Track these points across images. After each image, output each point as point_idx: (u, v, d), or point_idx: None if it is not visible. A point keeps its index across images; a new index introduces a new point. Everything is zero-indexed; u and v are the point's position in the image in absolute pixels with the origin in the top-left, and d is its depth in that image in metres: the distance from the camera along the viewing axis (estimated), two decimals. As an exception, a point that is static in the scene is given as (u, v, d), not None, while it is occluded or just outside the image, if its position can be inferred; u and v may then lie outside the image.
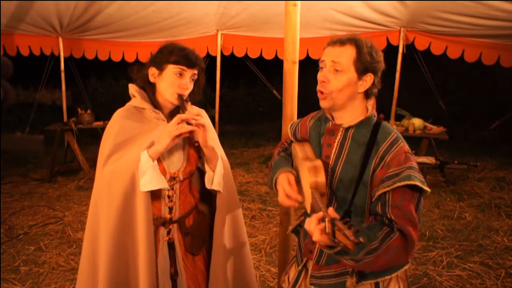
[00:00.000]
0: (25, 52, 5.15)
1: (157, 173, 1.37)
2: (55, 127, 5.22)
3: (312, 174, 1.19)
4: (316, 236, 0.99)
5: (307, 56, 5.34)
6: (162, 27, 5.03)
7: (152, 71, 1.44)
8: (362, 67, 1.19)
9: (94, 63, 6.43)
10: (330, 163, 1.27)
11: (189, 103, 1.55)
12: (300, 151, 1.35)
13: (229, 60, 5.99)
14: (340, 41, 1.22)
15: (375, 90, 1.25)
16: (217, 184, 1.52)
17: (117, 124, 1.44)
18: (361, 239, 0.86)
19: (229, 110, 10.01)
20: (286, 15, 1.76)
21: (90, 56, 5.54)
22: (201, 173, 1.60)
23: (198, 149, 1.51)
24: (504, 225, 3.66)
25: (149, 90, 1.48)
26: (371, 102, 1.27)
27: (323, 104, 1.26)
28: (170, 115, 1.51)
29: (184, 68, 1.41)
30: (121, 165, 1.37)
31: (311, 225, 1.01)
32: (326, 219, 0.95)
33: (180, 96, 1.43)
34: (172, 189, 1.49)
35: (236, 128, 8.96)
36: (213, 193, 1.58)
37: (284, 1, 1.76)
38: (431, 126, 4.94)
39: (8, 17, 4.41)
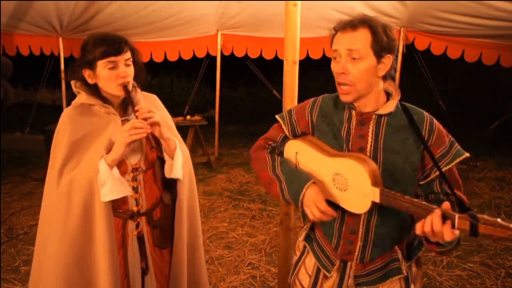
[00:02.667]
0: (24, 52, 5.14)
1: (119, 181, 1.34)
2: (55, 127, 5.19)
3: (363, 163, 1.08)
4: (448, 235, 0.91)
5: (307, 56, 5.34)
6: (162, 26, 5.02)
7: (87, 73, 1.38)
8: (380, 49, 1.10)
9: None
10: (368, 154, 1.16)
11: (138, 90, 1.51)
12: (312, 146, 1.23)
13: (229, 60, 5.99)
14: (352, 25, 1.11)
15: (393, 72, 1.18)
16: (176, 172, 1.48)
17: (67, 125, 1.39)
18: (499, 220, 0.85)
19: (229, 110, 10.00)
20: (286, 15, 1.76)
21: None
22: (163, 163, 1.55)
23: (156, 137, 1.44)
24: (504, 225, 3.66)
25: (93, 87, 1.41)
26: (392, 84, 1.21)
27: (346, 98, 1.16)
28: (121, 107, 1.46)
29: (113, 58, 1.33)
30: (80, 174, 1.33)
31: (437, 225, 0.92)
32: (457, 216, 0.91)
33: (124, 87, 1.37)
34: (136, 180, 1.46)
35: (236, 128, 8.95)
36: (173, 183, 1.54)
37: (284, 1, 1.76)
38: (431, 126, 4.93)
39: (7, 17, 4.41)
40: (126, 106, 1.46)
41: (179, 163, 1.49)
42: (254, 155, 1.42)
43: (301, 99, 1.94)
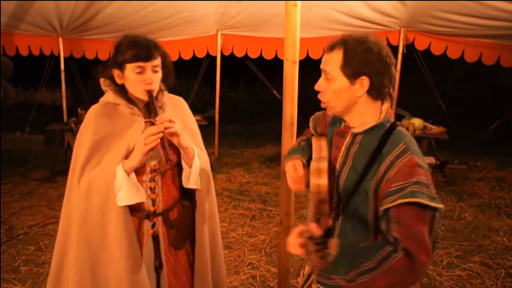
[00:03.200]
0: (24, 52, 5.14)
1: (134, 187, 1.38)
2: (55, 127, 5.21)
3: (315, 176, 1.16)
4: (293, 249, 1.02)
5: (307, 56, 5.34)
6: (162, 26, 5.02)
7: (116, 73, 1.42)
8: (352, 71, 1.11)
9: (95, 63, 6.42)
10: (337, 166, 1.21)
11: (165, 92, 1.54)
12: (316, 148, 1.30)
13: (229, 60, 5.99)
14: (330, 47, 1.15)
15: (385, 91, 1.14)
16: (193, 183, 1.51)
17: (92, 124, 1.44)
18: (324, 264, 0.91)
19: (229, 110, 10.00)
20: (286, 15, 1.76)
21: (90, 56, 5.53)
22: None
23: (175, 146, 1.48)
24: (504, 225, 3.66)
25: (121, 87, 1.46)
26: (386, 106, 1.18)
27: (328, 112, 1.23)
28: (146, 108, 1.49)
29: (142, 64, 1.37)
30: (99, 177, 1.38)
31: (292, 237, 1.03)
32: (303, 235, 0.96)
33: (149, 92, 1.40)
34: (154, 180, 1.48)
35: (236, 128, 8.95)
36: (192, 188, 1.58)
37: (284, 1, 1.76)
38: (431, 126, 4.94)
39: (7, 17, 4.41)
40: (150, 108, 1.49)
41: (196, 172, 1.51)
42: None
43: (301, 99, 1.94)
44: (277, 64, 4.38)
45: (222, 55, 5.80)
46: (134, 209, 1.45)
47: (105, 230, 1.39)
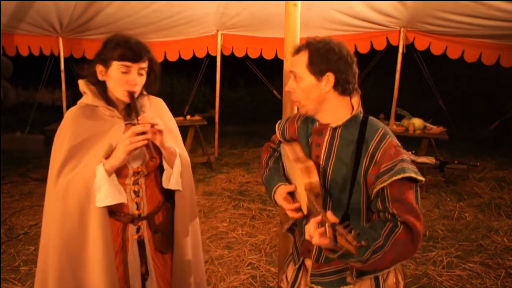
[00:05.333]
0: (24, 52, 5.14)
1: (114, 187, 1.33)
2: (55, 127, 5.17)
3: (305, 175, 1.20)
4: (316, 240, 1.00)
5: (307, 56, 5.33)
6: (162, 26, 5.03)
7: (100, 69, 1.37)
8: (317, 69, 1.19)
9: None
10: (321, 163, 1.27)
11: (146, 97, 1.51)
12: (291, 152, 1.35)
13: (229, 60, 5.99)
14: (297, 50, 1.25)
15: (350, 86, 1.22)
16: (174, 183, 1.47)
17: (70, 126, 1.38)
18: (363, 242, 0.87)
19: (229, 110, 10.00)
20: (286, 15, 1.76)
21: (90, 56, 5.41)
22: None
23: (156, 146, 1.44)
24: (504, 225, 3.66)
25: (101, 87, 1.41)
26: (355, 99, 1.26)
27: (300, 111, 1.31)
28: (126, 111, 1.45)
29: (129, 64, 1.33)
30: (77, 177, 1.32)
31: (310, 229, 1.03)
32: (326, 224, 0.95)
33: (130, 94, 1.36)
34: (137, 183, 1.45)
35: (236, 128, 8.95)
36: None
37: (284, 1, 1.76)
38: (431, 126, 4.94)
39: (7, 17, 4.41)
40: (130, 110, 1.45)
41: (177, 173, 1.48)
42: (261, 158, 1.62)
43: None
44: (277, 64, 4.39)
45: (222, 55, 5.80)
46: (118, 213, 1.43)
47: (84, 233, 1.34)
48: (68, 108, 6.42)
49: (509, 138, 6.74)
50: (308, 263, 1.39)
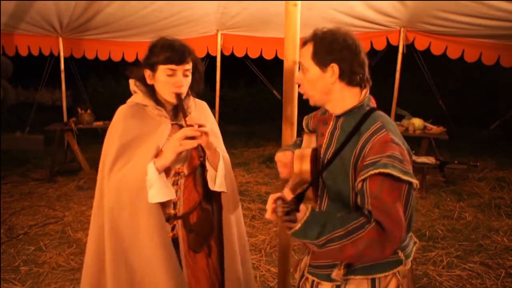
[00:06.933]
0: (23, 52, 5.14)
1: (165, 184, 1.39)
2: (55, 127, 5.21)
3: (297, 162, 1.23)
4: (267, 214, 1.08)
5: (307, 56, 5.33)
6: (162, 26, 5.02)
7: (148, 73, 1.45)
8: (321, 60, 1.19)
9: (94, 63, 6.43)
10: (322, 151, 1.28)
11: (191, 97, 1.57)
12: (306, 141, 1.37)
13: (229, 60, 5.99)
14: (303, 42, 1.26)
15: (357, 77, 1.19)
16: (219, 185, 1.53)
17: (121, 124, 1.45)
18: (298, 226, 1.01)
19: (229, 110, 10.00)
20: (286, 15, 1.76)
21: (90, 56, 5.53)
22: (205, 170, 1.61)
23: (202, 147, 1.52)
24: (504, 225, 3.66)
25: (150, 89, 1.48)
26: (364, 91, 1.23)
27: (310, 103, 1.31)
28: (173, 111, 1.52)
29: (173, 67, 1.39)
30: (129, 174, 1.39)
31: (268, 203, 1.10)
32: (275, 197, 1.04)
33: (177, 95, 1.43)
34: (177, 184, 1.50)
35: (236, 128, 8.95)
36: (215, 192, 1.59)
37: (284, 1, 1.76)
38: (431, 126, 4.94)
39: (7, 17, 4.41)
40: (177, 111, 1.51)
41: (222, 175, 1.53)
42: None
43: (301, 99, 1.94)
44: (277, 64, 4.39)
45: (222, 55, 5.80)
46: None
47: (136, 226, 1.40)
48: (68, 108, 6.41)
49: (509, 138, 6.75)
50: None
